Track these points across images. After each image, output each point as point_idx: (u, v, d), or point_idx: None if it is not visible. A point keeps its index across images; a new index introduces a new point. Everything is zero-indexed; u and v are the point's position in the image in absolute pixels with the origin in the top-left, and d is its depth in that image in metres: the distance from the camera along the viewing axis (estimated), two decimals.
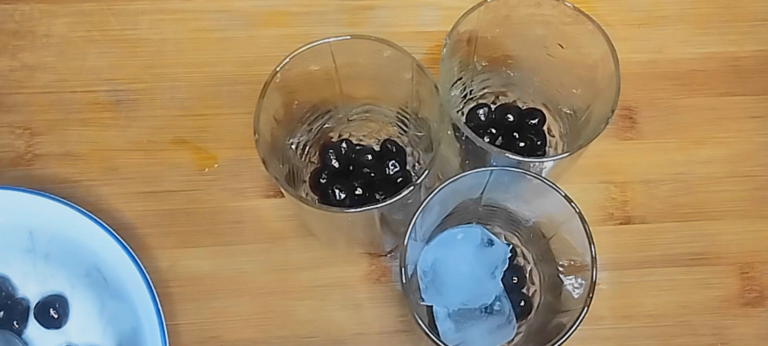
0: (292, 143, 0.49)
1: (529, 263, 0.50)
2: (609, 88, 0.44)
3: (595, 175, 0.54)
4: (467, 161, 0.47)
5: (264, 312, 0.51)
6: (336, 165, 0.50)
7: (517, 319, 0.47)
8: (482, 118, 0.51)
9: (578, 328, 0.39)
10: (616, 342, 0.51)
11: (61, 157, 0.54)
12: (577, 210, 0.41)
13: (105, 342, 0.49)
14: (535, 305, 0.49)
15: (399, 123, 0.51)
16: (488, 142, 0.48)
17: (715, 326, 0.51)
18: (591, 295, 0.40)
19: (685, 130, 0.55)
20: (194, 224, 0.52)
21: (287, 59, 0.43)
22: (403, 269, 0.40)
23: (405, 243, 0.40)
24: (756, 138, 0.55)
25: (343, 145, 0.50)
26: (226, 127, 0.54)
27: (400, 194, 0.40)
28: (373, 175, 0.50)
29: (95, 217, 0.48)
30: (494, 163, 0.43)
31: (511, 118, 0.51)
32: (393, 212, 0.43)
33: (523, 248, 0.50)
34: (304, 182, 0.50)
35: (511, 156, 0.42)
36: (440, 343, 0.39)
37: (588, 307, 0.39)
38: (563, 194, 0.41)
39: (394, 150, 0.50)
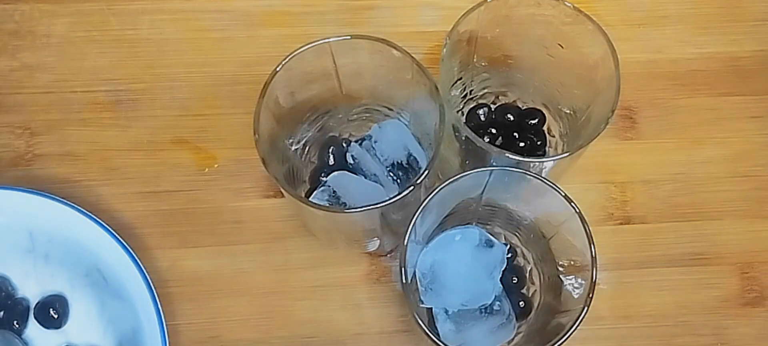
0: (292, 143, 0.49)
1: (529, 263, 0.50)
2: (609, 88, 0.44)
3: (595, 175, 0.54)
4: (467, 161, 0.47)
5: (264, 312, 0.51)
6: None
7: (517, 319, 0.47)
8: (482, 118, 0.51)
9: (578, 328, 0.39)
10: (616, 342, 0.51)
11: (61, 157, 0.54)
12: (577, 210, 0.41)
13: (105, 342, 0.49)
14: (535, 305, 0.49)
15: None
16: (488, 142, 0.48)
17: (715, 326, 0.51)
18: (591, 295, 0.40)
19: (685, 130, 0.55)
20: (194, 224, 0.52)
21: (287, 59, 0.43)
22: (403, 269, 0.40)
23: (405, 243, 0.41)
24: (756, 138, 0.55)
25: (343, 145, 0.50)
26: (226, 127, 0.54)
27: (401, 194, 0.40)
28: None
29: (95, 217, 0.48)
30: (494, 163, 0.43)
31: (511, 118, 0.51)
32: (393, 211, 0.43)
33: (523, 248, 0.50)
34: (304, 181, 0.50)
35: (511, 156, 0.42)
36: (440, 343, 0.39)
37: (588, 307, 0.39)
38: (563, 194, 0.41)
39: None
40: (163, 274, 0.51)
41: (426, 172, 0.41)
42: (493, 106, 0.53)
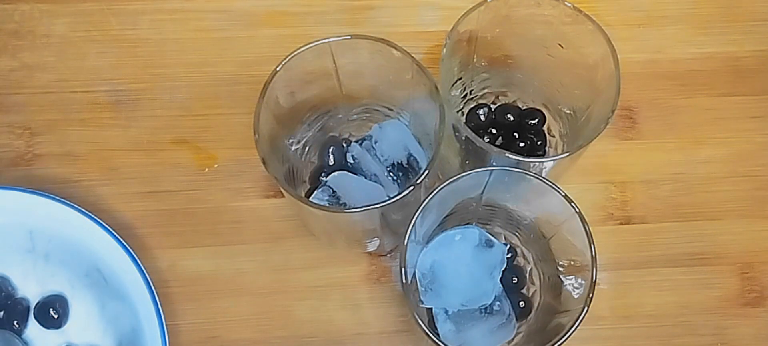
0: (292, 143, 0.49)
1: (529, 263, 0.50)
2: (609, 88, 0.44)
3: (595, 175, 0.54)
4: (467, 161, 0.47)
5: (264, 312, 0.51)
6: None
7: (517, 319, 0.47)
8: (482, 118, 0.51)
9: (578, 328, 0.39)
10: (616, 342, 0.51)
11: (61, 157, 0.54)
12: (577, 210, 0.41)
13: (105, 342, 0.49)
14: (535, 305, 0.49)
15: None
16: (488, 142, 0.48)
17: (715, 326, 0.51)
18: (591, 295, 0.40)
19: (685, 130, 0.55)
20: (194, 224, 0.52)
21: (287, 59, 0.43)
22: (403, 269, 0.40)
23: (405, 243, 0.41)
24: (756, 138, 0.55)
25: (343, 145, 0.50)
26: (226, 127, 0.54)
27: (401, 194, 0.40)
28: None
29: (95, 217, 0.48)
30: (494, 164, 0.43)
31: (511, 118, 0.51)
32: (393, 211, 0.43)
33: (523, 248, 0.50)
34: (304, 181, 0.50)
35: (511, 156, 0.42)
36: (440, 343, 0.39)
37: (588, 307, 0.39)
38: (563, 194, 0.41)
39: None
40: (163, 274, 0.51)
41: (426, 172, 0.41)
42: (493, 106, 0.53)
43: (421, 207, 0.41)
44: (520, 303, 0.48)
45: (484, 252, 0.47)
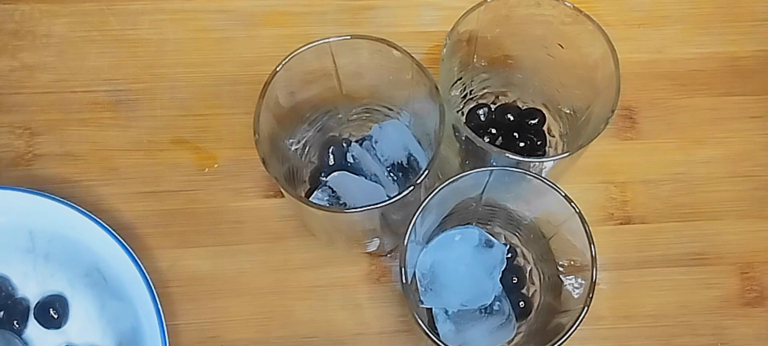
0: (292, 143, 0.49)
1: (529, 263, 0.50)
2: (609, 88, 0.44)
3: (595, 175, 0.54)
4: (467, 161, 0.47)
5: (264, 312, 0.51)
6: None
7: (517, 319, 0.47)
8: (482, 118, 0.51)
9: (578, 328, 0.39)
10: (616, 342, 0.51)
11: (61, 157, 0.54)
12: (577, 210, 0.41)
13: (105, 342, 0.49)
14: (535, 305, 0.49)
15: None
16: (488, 142, 0.48)
17: (715, 326, 0.51)
18: (591, 295, 0.40)
19: (685, 130, 0.55)
20: (194, 224, 0.52)
21: (287, 59, 0.43)
22: (403, 269, 0.40)
23: (405, 243, 0.41)
24: (756, 138, 0.55)
25: (343, 145, 0.50)
26: (226, 127, 0.54)
27: (400, 194, 0.40)
28: None
29: (95, 217, 0.48)
30: (494, 164, 0.43)
31: (511, 118, 0.52)
32: (393, 211, 0.43)
33: (523, 248, 0.50)
34: (304, 181, 0.50)
35: (511, 156, 0.42)
36: (440, 344, 0.39)
37: (588, 307, 0.39)
38: (563, 194, 0.41)
39: None
40: (163, 274, 0.51)
41: (426, 172, 0.41)
42: (493, 106, 0.53)
43: (421, 207, 0.41)
44: (520, 303, 0.48)
45: (484, 252, 0.47)
